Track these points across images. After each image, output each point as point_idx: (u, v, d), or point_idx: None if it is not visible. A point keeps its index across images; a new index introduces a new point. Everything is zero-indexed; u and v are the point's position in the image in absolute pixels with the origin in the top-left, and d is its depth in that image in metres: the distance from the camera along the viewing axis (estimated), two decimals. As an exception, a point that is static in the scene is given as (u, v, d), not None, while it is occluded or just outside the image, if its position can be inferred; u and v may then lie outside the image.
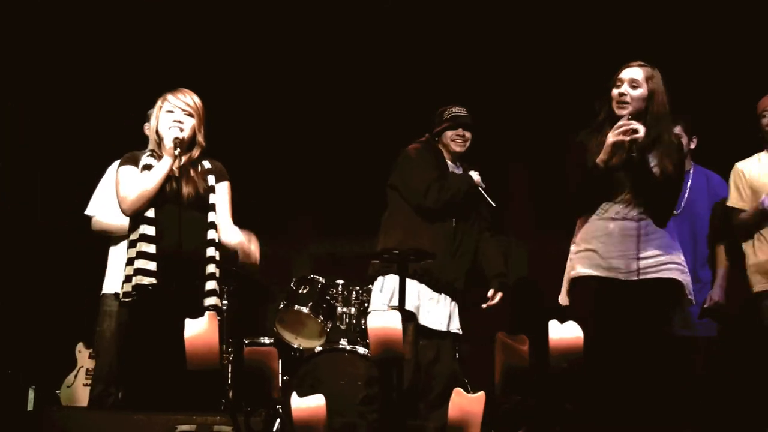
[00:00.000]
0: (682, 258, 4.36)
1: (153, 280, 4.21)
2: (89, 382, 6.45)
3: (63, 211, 6.86)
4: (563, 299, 4.43)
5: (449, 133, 5.38)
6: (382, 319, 2.71)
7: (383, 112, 6.87)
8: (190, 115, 4.42)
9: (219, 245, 4.43)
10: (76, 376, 6.54)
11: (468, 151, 5.45)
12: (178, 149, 4.31)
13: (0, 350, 5.31)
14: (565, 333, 2.71)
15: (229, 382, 5.96)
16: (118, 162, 4.55)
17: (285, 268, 7.11)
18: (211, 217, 4.42)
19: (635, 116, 4.27)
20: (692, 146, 5.47)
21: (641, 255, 4.22)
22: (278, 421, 4.92)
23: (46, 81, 6.94)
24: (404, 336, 4.66)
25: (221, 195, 4.48)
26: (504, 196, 5.91)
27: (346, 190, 7.09)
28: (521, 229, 6.93)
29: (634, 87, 4.29)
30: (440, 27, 6.84)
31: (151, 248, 4.25)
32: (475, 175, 5.32)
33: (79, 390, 6.47)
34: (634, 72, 4.32)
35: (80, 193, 6.08)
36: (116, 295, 4.81)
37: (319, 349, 5.70)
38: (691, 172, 5.46)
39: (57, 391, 6.54)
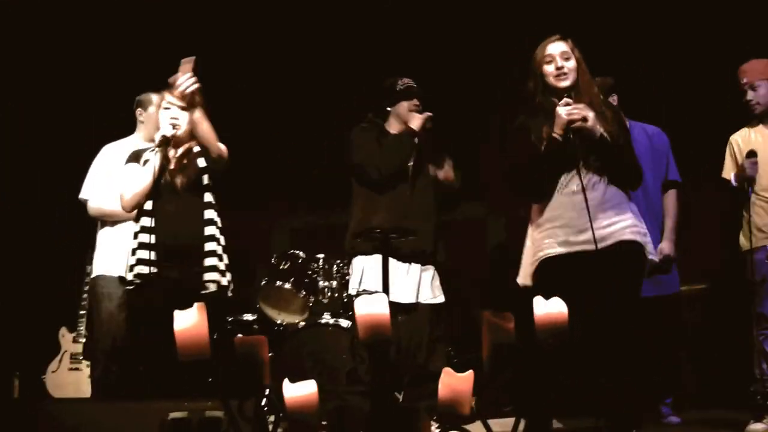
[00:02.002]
0: (641, 219, 4.42)
1: (153, 269, 4.47)
2: (74, 366, 6.59)
3: (39, 195, 6.96)
4: (525, 279, 4.44)
5: (405, 104, 5.44)
6: (369, 304, 2.77)
7: (356, 84, 6.88)
8: (185, 109, 4.66)
9: (218, 225, 4.72)
10: (60, 361, 6.63)
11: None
12: (162, 146, 4.62)
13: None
14: (550, 309, 2.78)
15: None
16: (109, 146, 4.93)
17: (264, 243, 7.22)
18: (207, 197, 4.70)
19: (570, 88, 4.34)
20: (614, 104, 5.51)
21: (602, 224, 4.25)
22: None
23: (38, 64, 7.09)
24: None
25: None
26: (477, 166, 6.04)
27: (319, 163, 7.21)
28: (497, 199, 7.00)
29: (566, 59, 4.35)
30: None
31: (150, 239, 4.50)
32: (416, 122, 5.39)
33: (64, 374, 6.59)
34: (560, 45, 4.38)
35: (65, 176, 6.16)
36: (120, 278, 4.95)
37: (302, 324, 5.77)
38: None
39: (42, 377, 6.62)
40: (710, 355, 6.26)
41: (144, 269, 4.51)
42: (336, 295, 5.97)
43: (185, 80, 4.53)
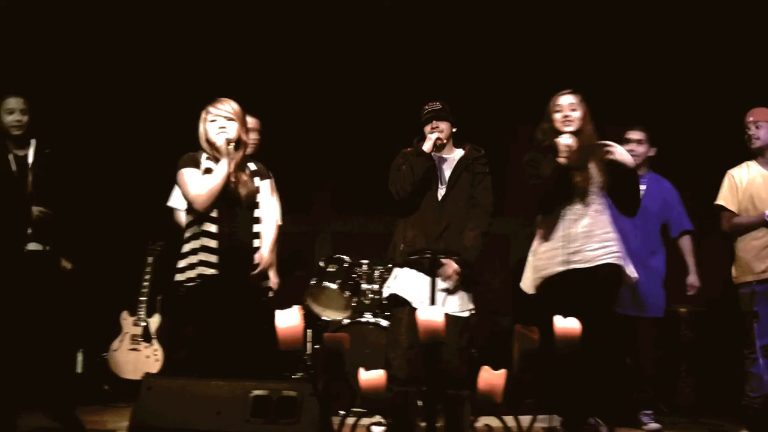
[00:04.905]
0: (621, 246, 5.54)
1: (215, 271, 4.98)
2: (133, 347, 7.40)
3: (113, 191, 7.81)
4: (528, 289, 5.63)
5: (426, 129, 5.94)
6: (428, 312, 3.74)
7: (403, 95, 7.57)
8: (231, 120, 5.18)
9: (260, 237, 5.24)
10: (121, 341, 7.44)
11: (462, 137, 6.11)
12: (231, 146, 5.11)
13: (52, 318, 5.96)
14: (567, 324, 3.75)
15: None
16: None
17: (309, 246, 8.08)
18: (257, 213, 5.25)
19: (574, 132, 5.47)
20: (651, 154, 6.59)
21: (593, 247, 5.40)
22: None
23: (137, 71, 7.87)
24: (399, 324, 5.69)
25: (264, 193, 5.33)
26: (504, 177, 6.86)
27: (363, 168, 7.73)
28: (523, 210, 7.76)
29: (573, 110, 5.51)
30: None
31: (213, 243, 5.01)
32: (427, 144, 5.84)
33: (124, 354, 7.40)
34: (570, 98, 5.55)
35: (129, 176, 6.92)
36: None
37: (346, 321, 6.71)
38: (646, 176, 6.53)
39: (104, 354, 7.43)
40: (707, 370, 7.19)
41: (207, 270, 4.97)
42: (377, 297, 6.82)
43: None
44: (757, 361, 5.93)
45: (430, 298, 5.54)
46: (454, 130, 6.05)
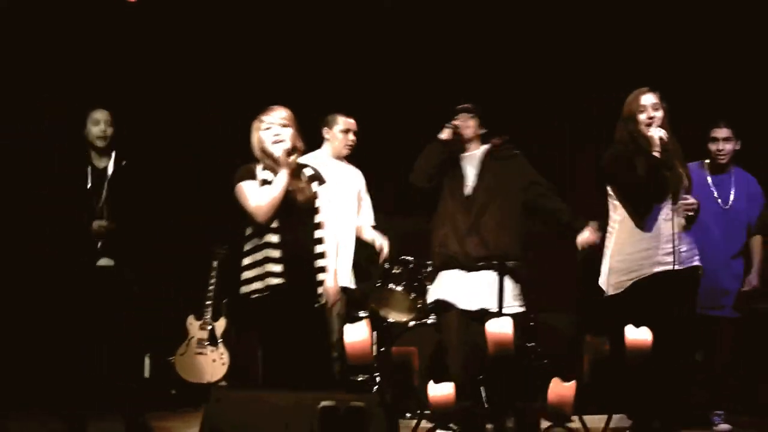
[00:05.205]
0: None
1: (282, 281, 4.99)
2: (200, 351, 7.47)
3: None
4: (611, 289, 5.49)
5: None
6: (497, 325, 3.71)
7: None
8: (285, 126, 5.20)
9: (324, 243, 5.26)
10: (187, 345, 7.52)
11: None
12: (290, 158, 5.14)
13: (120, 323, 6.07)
14: (639, 335, 3.70)
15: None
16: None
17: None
18: (317, 218, 5.26)
19: None
20: (737, 148, 6.37)
21: (681, 249, 5.31)
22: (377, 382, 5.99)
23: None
24: (448, 330, 5.67)
25: (323, 197, 5.35)
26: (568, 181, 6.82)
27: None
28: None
29: (656, 109, 5.41)
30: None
31: (277, 253, 5.03)
32: (443, 133, 5.96)
33: (191, 358, 7.48)
34: (652, 97, 5.45)
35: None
36: None
37: (411, 323, 6.71)
38: (732, 172, 6.37)
39: (170, 358, 7.51)
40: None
41: (273, 281, 4.98)
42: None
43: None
44: None
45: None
46: (482, 131, 6.13)
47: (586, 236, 5.75)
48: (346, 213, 6.53)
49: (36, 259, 6.74)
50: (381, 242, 6.58)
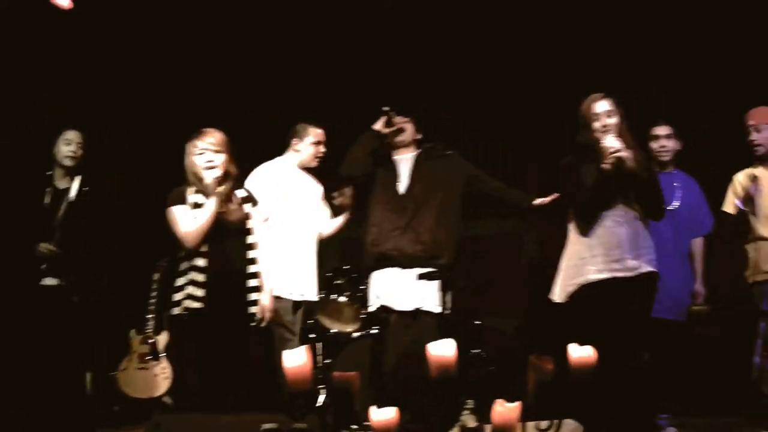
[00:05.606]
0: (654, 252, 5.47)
1: (201, 305, 5.10)
2: (143, 365, 7.36)
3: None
4: (560, 298, 5.41)
5: None
6: (439, 348, 3.67)
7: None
8: (218, 152, 5.27)
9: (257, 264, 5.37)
10: (130, 360, 7.37)
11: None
12: (220, 187, 5.21)
13: (61, 339, 6.03)
14: (582, 353, 3.67)
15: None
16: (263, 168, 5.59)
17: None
18: (250, 239, 5.35)
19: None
20: (679, 148, 6.38)
21: (636, 253, 5.24)
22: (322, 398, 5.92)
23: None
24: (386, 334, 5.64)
25: (256, 218, 5.46)
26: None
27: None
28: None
29: (609, 116, 5.36)
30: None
31: (201, 277, 5.15)
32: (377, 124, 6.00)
33: (134, 372, 7.33)
34: (605, 104, 5.41)
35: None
36: None
37: (355, 335, 6.63)
38: (675, 174, 6.36)
39: (113, 374, 7.34)
40: (724, 371, 7.09)
41: (193, 304, 5.12)
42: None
43: None
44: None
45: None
46: (418, 136, 6.17)
47: (541, 199, 5.81)
48: (307, 224, 6.51)
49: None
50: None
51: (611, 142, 5.22)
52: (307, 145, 6.53)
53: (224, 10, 7.85)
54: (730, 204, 6.15)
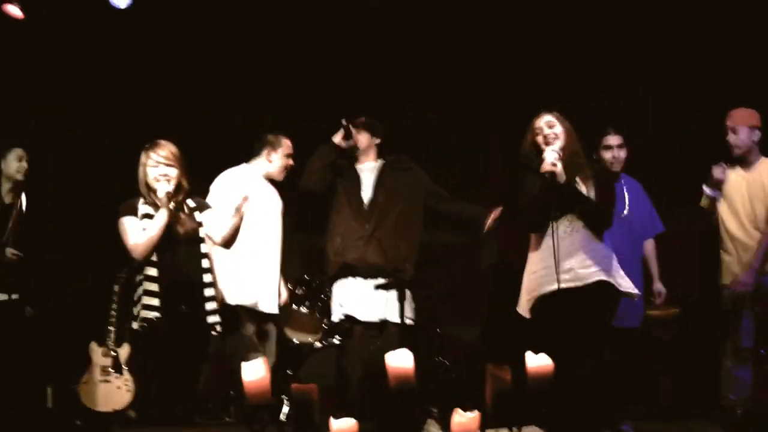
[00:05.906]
0: (615, 261, 5.44)
1: (157, 314, 5.09)
2: (104, 378, 7.29)
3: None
4: (524, 311, 5.46)
5: None
6: (397, 359, 3.69)
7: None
8: (171, 165, 5.26)
9: (213, 272, 5.36)
10: (91, 373, 7.25)
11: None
12: (172, 202, 5.19)
13: (21, 351, 6.01)
14: (539, 362, 3.70)
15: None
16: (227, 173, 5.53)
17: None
18: (203, 248, 5.33)
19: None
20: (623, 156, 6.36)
21: (585, 264, 5.29)
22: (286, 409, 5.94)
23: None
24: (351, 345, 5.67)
25: (209, 220, 5.41)
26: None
27: None
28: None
29: (551, 126, 5.38)
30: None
31: (154, 287, 5.13)
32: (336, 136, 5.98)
33: (95, 385, 7.20)
34: (547, 117, 5.43)
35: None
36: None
37: (318, 345, 6.65)
38: (623, 180, 6.36)
39: (74, 387, 7.23)
40: (683, 372, 7.16)
41: (149, 314, 5.11)
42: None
43: None
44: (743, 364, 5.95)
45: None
46: (376, 142, 6.18)
47: (488, 221, 5.87)
48: (270, 234, 6.46)
49: None
50: None
51: (547, 155, 5.27)
52: (281, 156, 6.51)
53: (181, 17, 7.81)
54: (705, 198, 6.23)
